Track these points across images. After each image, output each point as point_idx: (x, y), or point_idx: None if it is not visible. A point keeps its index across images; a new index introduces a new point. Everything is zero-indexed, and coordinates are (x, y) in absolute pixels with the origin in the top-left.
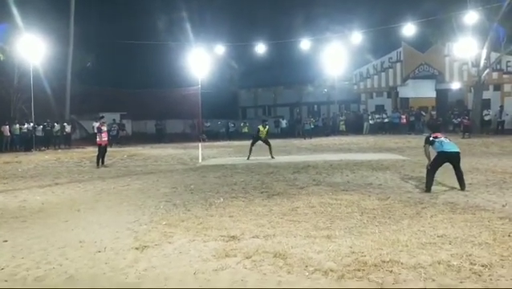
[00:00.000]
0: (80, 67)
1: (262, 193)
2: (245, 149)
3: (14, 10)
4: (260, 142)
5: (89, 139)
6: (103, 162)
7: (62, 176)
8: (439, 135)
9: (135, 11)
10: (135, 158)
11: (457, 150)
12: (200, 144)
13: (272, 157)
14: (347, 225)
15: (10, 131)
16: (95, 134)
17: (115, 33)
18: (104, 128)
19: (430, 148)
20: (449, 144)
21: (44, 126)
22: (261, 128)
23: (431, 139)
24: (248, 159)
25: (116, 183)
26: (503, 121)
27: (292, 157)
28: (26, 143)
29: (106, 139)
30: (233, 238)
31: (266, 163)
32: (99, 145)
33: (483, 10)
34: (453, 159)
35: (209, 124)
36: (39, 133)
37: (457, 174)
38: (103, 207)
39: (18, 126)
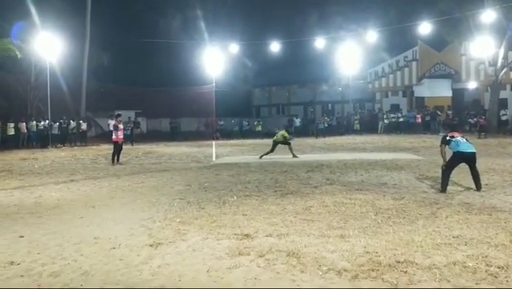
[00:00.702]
0: (96, 65)
1: (275, 191)
2: (258, 148)
3: (31, 8)
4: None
5: (104, 136)
6: (118, 160)
7: (78, 172)
8: (456, 134)
9: (150, 10)
10: (149, 156)
11: (473, 150)
12: (214, 143)
13: (294, 156)
14: (361, 224)
15: (26, 128)
16: (111, 131)
17: (130, 31)
18: (121, 126)
19: (446, 148)
20: (465, 144)
21: (60, 123)
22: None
23: (447, 138)
24: (261, 158)
25: (131, 180)
26: None
27: (306, 156)
28: (42, 140)
29: (122, 136)
30: (247, 236)
31: (280, 162)
32: (115, 143)
33: (500, 8)
34: (469, 159)
35: (222, 123)
36: (55, 130)
37: (472, 174)
38: (117, 204)
39: (34, 123)
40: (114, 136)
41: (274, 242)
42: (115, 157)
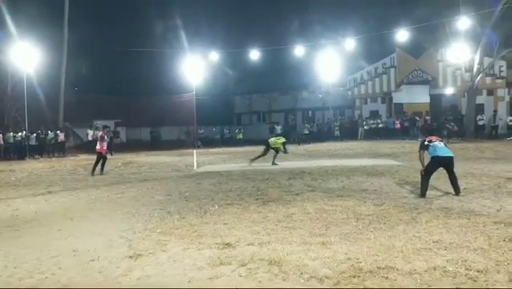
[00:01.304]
0: (74, 75)
1: (257, 199)
2: (240, 155)
3: (7, 18)
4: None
5: (83, 147)
6: (102, 170)
7: (56, 184)
8: (433, 139)
9: (129, 18)
10: (129, 166)
11: (451, 155)
12: (195, 151)
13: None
14: (343, 231)
15: (3, 139)
16: (91, 141)
17: (109, 40)
18: (106, 138)
19: (425, 154)
20: (442, 148)
21: (38, 134)
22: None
23: (426, 143)
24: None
25: (110, 191)
26: (497, 126)
27: (287, 163)
28: (19, 151)
29: (106, 148)
30: (228, 245)
31: (261, 169)
32: (100, 153)
33: (475, 15)
34: (447, 163)
35: (202, 131)
36: (33, 141)
37: (450, 179)
38: (96, 215)
39: (11, 134)
40: (99, 147)
41: (256, 250)
42: (101, 168)
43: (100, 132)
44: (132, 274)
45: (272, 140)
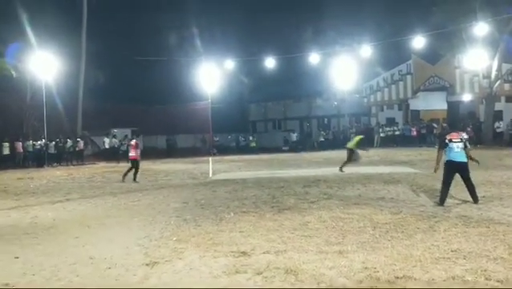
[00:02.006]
0: (92, 84)
1: (272, 207)
2: (255, 163)
3: (27, 28)
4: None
5: (101, 155)
6: (135, 178)
7: (74, 192)
8: (454, 136)
9: (146, 28)
10: (145, 173)
11: (463, 160)
12: (210, 159)
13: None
14: (360, 240)
15: (22, 147)
16: (108, 149)
17: (126, 49)
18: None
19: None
20: (456, 152)
21: (56, 142)
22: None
23: (446, 141)
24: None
25: (127, 198)
26: None
27: (303, 171)
28: (38, 159)
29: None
30: (244, 253)
31: (276, 177)
32: (134, 160)
33: (493, 21)
34: (459, 169)
35: (218, 139)
36: (51, 149)
37: (466, 186)
38: (113, 223)
39: (30, 142)
40: (134, 154)
41: (272, 259)
42: (134, 175)
43: (134, 140)
44: (149, 282)
45: (349, 143)
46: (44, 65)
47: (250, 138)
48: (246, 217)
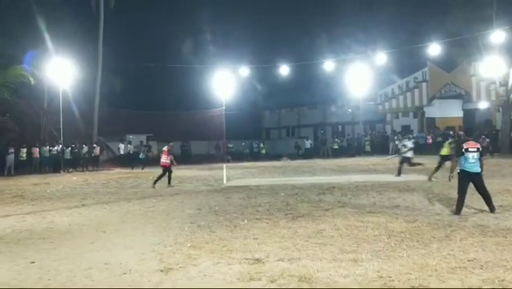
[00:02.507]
0: (108, 90)
1: (286, 214)
2: (269, 170)
3: (44, 35)
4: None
5: (116, 160)
6: (169, 182)
7: (89, 197)
8: (470, 145)
9: (161, 35)
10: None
11: (477, 171)
12: (224, 165)
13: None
14: (374, 248)
15: (39, 153)
16: (123, 155)
17: (141, 56)
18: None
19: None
20: (471, 163)
21: (72, 148)
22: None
23: (463, 150)
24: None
25: (142, 204)
26: None
27: (317, 178)
28: (54, 164)
29: (169, 161)
30: (258, 260)
31: (290, 184)
32: (164, 167)
33: (510, 28)
34: (472, 179)
35: (232, 146)
36: (68, 155)
37: (483, 196)
38: (128, 228)
39: (47, 148)
40: (164, 161)
41: (286, 266)
42: (168, 181)
43: (165, 147)
44: (163, 288)
45: (442, 150)
46: (61, 71)
47: (261, 145)
48: (260, 224)
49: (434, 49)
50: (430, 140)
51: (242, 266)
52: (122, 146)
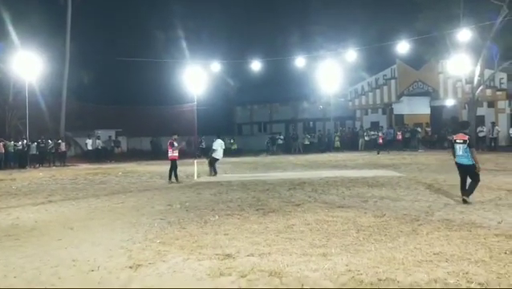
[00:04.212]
0: (76, 84)
1: (257, 210)
2: (240, 166)
3: (10, 28)
4: None
5: (84, 156)
6: (176, 177)
7: (56, 193)
8: (459, 136)
9: (131, 29)
10: (130, 175)
11: (464, 162)
12: (195, 161)
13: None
14: (343, 242)
15: (4, 148)
16: (91, 151)
17: (111, 50)
18: (176, 144)
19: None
20: (459, 155)
21: (38, 143)
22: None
23: (452, 142)
24: None
25: (110, 200)
26: (495, 138)
27: (288, 174)
28: (20, 160)
29: (177, 154)
30: (229, 256)
31: (262, 180)
32: (173, 160)
33: (476, 27)
34: (463, 170)
35: (203, 141)
36: (34, 150)
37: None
38: (96, 225)
39: (12, 143)
40: (170, 154)
41: (256, 261)
42: (174, 174)
43: (170, 140)
44: (132, 285)
45: None
46: (27, 65)
47: (231, 141)
48: (231, 219)
49: (403, 47)
50: (400, 137)
51: (212, 261)
52: (90, 141)
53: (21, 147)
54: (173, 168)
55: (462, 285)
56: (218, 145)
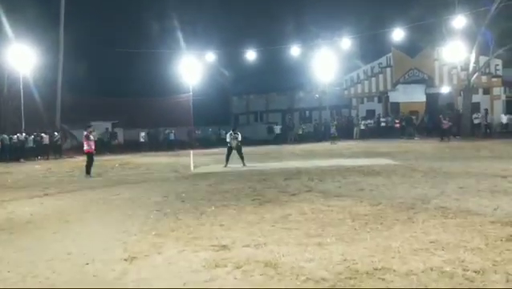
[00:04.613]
0: (71, 76)
1: (253, 200)
2: (236, 156)
3: (4, 19)
4: None
5: (80, 148)
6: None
7: (52, 186)
8: None
9: (126, 20)
10: (126, 167)
11: None
12: (191, 152)
13: None
14: (339, 232)
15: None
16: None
17: (106, 41)
18: (92, 137)
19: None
20: None
21: (35, 136)
22: None
23: None
24: None
25: (106, 193)
26: (489, 124)
27: (284, 163)
28: (16, 153)
29: (94, 147)
30: (224, 247)
31: (258, 170)
32: (89, 153)
33: (471, 14)
34: None
35: (199, 132)
36: (30, 143)
37: None
38: (92, 218)
39: (8, 136)
40: (86, 147)
41: (252, 252)
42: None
43: (85, 132)
44: (127, 278)
45: None
46: (21, 57)
47: (223, 132)
48: (227, 210)
49: (398, 34)
50: (398, 125)
51: (208, 253)
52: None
53: (17, 140)
54: (90, 161)
55: (458, 273)
56: (228, 136)
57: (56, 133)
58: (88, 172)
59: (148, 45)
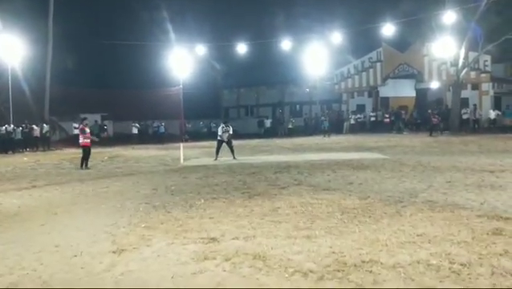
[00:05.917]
0: (60, 68)
1: (243, 193)
2: (226, 149)
3: None
4: None
5: (69, 140)
6: (86, 164)
7: (41, 178)
8: None
9: (116, 11)
10: (116, 160)
11: None
12: (182, 145)
13: None
14: (328, 224)
15: None
16: (77, 135)
17: (95, 33)
18: (87, 130)
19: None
20: None
21: (23, 127)
22: None
23: None
24: None
25: (95, 185)
26: (478, 119)
27: (274, 157)
28: (4, 145)
29: (89, 140)
30: (213, 240)
31: (248, 163)
32: (84, 147)
33: (461, 10)
34: None
35: (190, 125)
36: (18, 135)
37: None
38: (80, 210)
39: None
40: (82, 140)
41: (241, 244)
42: (85, 162)
43: (80, 126)
44: (115, 270)
45: None
46: (10, 49)
47: (213, 125)
48: (217, 203)
49: (388, 29)
50: (387, 120)
51: (197, 245)
52: (76, 125)
53: (5, 132)
54: (86, 155)
55: (445, 266)
56: (220, 129)
57: (46, 125)
58: (82, 165)
59: (138, 37)
